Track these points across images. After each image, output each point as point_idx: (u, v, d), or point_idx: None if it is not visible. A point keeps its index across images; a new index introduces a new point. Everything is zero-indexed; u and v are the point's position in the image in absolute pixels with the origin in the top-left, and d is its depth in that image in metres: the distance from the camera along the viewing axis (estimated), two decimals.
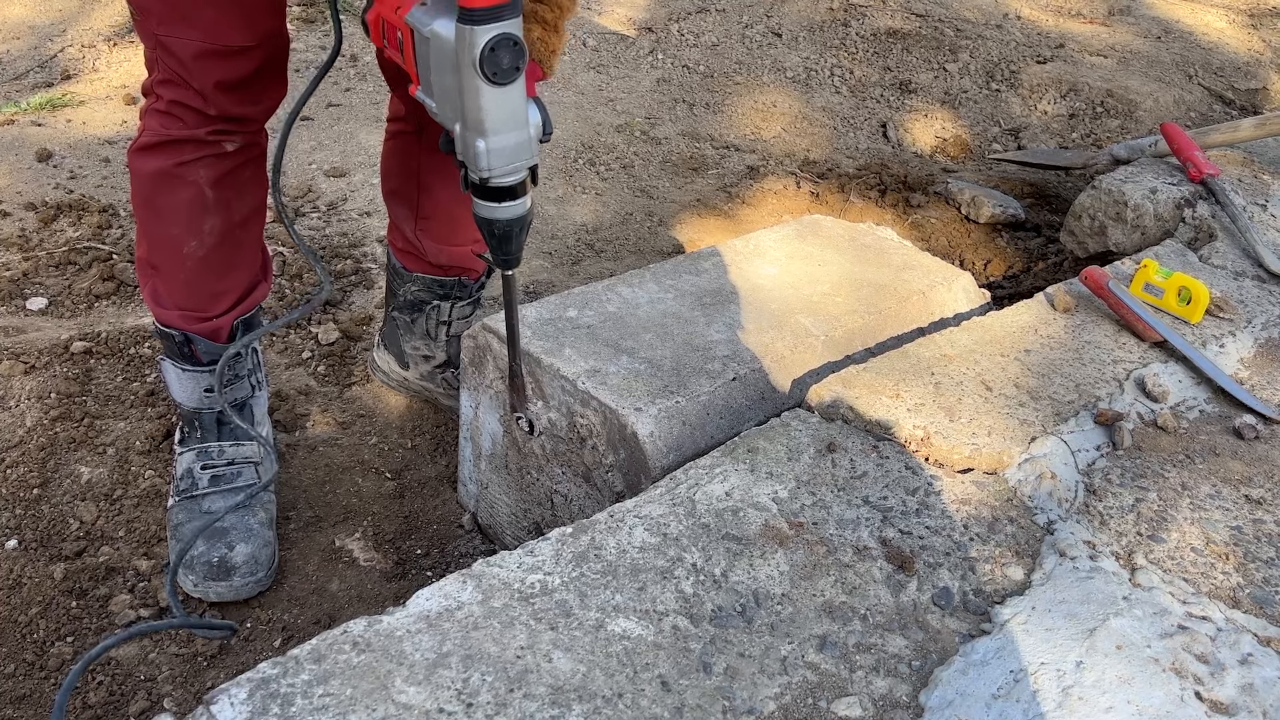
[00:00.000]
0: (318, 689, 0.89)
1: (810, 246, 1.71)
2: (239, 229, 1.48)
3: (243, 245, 1.50)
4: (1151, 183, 1.95)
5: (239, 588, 1.47)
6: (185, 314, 1.49)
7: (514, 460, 1.50)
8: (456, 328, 1.77)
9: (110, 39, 3.00)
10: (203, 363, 1.52)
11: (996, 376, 1.36)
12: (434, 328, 1.77)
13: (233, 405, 1.57)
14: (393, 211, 1.71)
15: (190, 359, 1.52)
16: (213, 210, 1.43)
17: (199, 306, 1.49)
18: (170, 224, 1.44)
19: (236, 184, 1.45)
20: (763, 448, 1.22)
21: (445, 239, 1.68)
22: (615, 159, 2.70)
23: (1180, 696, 0.97)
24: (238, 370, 1.56)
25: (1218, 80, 3.18)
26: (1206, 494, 1.23)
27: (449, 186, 1.62)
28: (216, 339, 1.52)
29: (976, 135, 2.91)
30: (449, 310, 1.76)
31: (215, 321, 1.50)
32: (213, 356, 1.51)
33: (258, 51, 1.35)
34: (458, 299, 1.75)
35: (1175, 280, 1.52)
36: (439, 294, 1.74)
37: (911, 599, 1.06)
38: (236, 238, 1.48)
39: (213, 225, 1.44)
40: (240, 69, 1.34)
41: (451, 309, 1.76)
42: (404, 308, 1.77)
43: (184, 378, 1.53)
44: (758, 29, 3.27)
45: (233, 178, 1.44)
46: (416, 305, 1.76)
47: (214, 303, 1.50)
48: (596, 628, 0.98)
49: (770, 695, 0.95)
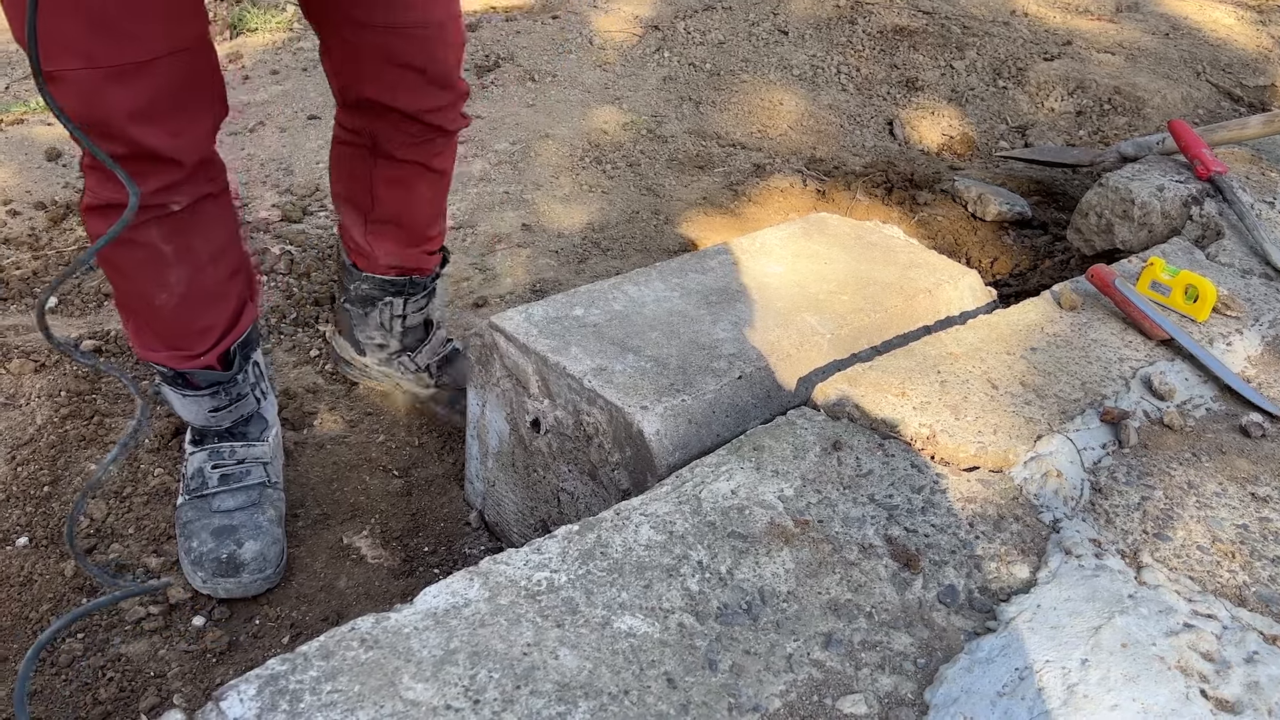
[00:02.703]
0: (326, 685, 0.89)
1: (816, 245, 1.71)
2: (210, 267, 1.42)
3: (220, 280, 1.45)
4: (1159, 180, 1.95)
5: (248, 584, 1.48)
6: (172, 354, 1.47)
7: (520, 458, 1.50)
8: (411, 320, 1.79)
9: None
10: (202, 387, 1.51)
11: (1002, 375, 1.36)
12: (388, 321, 1.78)
13: (241, 420, 1.57)
14: (343, 214, 1.71)
15: (188, 386, 1.50)
16: (174, 263, 1.38)
17: (184, 346, 1.47)
18: (134, 280, 1.39)
19: (196, 230, 1.38)
20: (768, 446, 1.22)
21: (397, 244, 1.69)
22: (621, 157, 2.70)
23: (1186, 694, 0.97)
24: (240, 390, 1.55)
25: (1226, 77, 3.17)
26: (1213, 492, 1.23)
27: (402, 196, 1.64)
28: (211, 370, 1.50)
29: (983, 133, 2.90)
30: (402, 305, 1.76)
31: (204, 358, 1.48)
32: (211, 380, 1.50)
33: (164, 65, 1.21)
34: (410, 295, 1.76)
35: (1182, 278, 1.51)
36: (391, 292, 1.75)
37: (917, 597, 1.06)
38: (209, 276, 1.43)
39: (179, 276, 1.39)
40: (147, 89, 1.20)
41: (405, 304, 1.76)
42: (356, 301, 1.78)
43: (186, 402, 1.52)
44: (764, 27, 3.27)
45: (189, 227, 1.37)
46: (368, 300, 1.77)
47: (199, 340, 1.47)
48: (602, 625, 0.98)
49: (776, 692, 0.95)
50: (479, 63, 3.06)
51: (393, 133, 1.55)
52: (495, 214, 2.43)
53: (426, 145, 1.58)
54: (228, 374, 1.51)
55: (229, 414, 1.55)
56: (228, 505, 1.53)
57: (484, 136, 2.74)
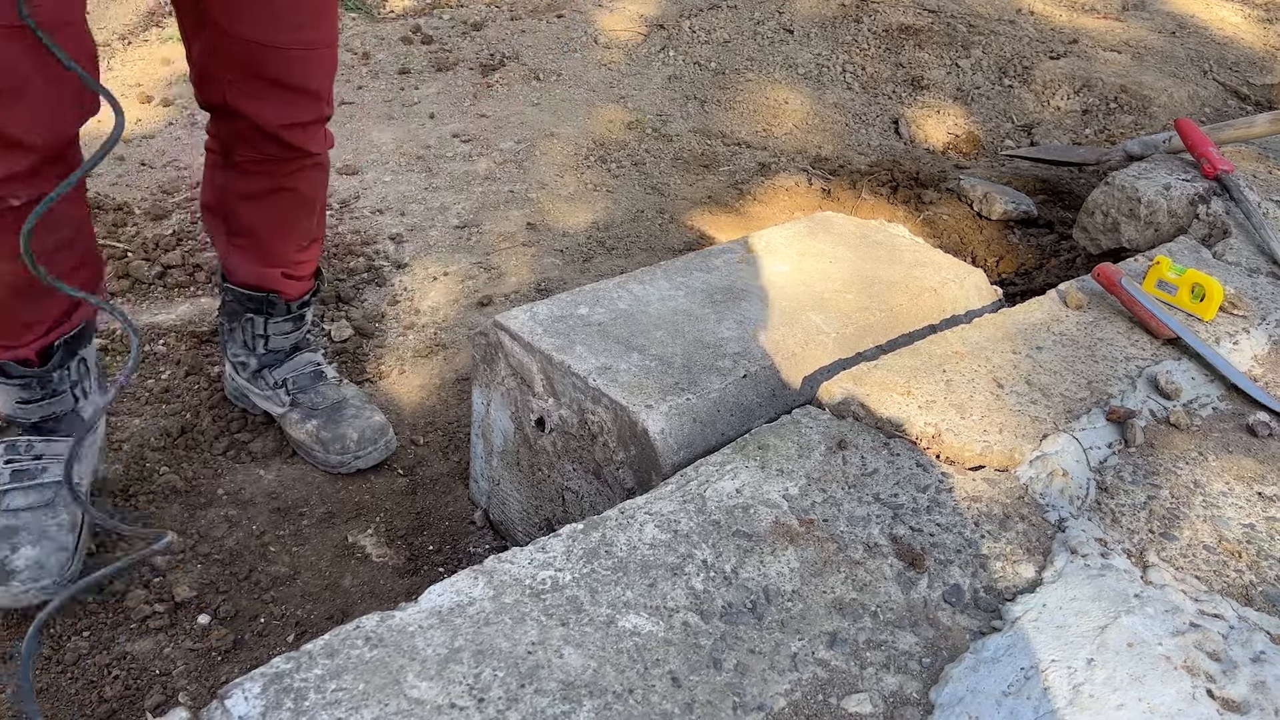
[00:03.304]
0: (331, 683, 0.89)
1: (821, 244, 1.71)
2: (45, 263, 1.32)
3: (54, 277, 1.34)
4: (1165, 179, 1.94)
5: (18, 594, 1.37)
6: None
7: (525, 457, 1.50)
8: (275, 343, 1.73)
9: (125, 37, 3.02)
10: (12, 376, 1.45)
11: (1008, 374, 1.36)
12: (251, 339, 1.72)
13: (51, 417, 1.50)
14: (207, 224, 1.68)
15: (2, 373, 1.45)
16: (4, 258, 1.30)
17: (7, 337, 1.42)
18: None
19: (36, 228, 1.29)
20: (773, 445, 1.22)
21: (255, 261, 1.65)
22: (627, 156, 2.70)
23: (1192, 694, 0.97)
24: (56, 386, 1.48)
25: (1233, 76, 3.16)
26: (1219, 491, 1.23)
27: (256, 212, 1.60)
28: (30, 364, 1.44)
29: (989, 131, 2.90)
30: (263, 325, 1.71)
31: (23, 350, 1.43)
32: (23, 372, 1.45)
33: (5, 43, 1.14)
34: (270, 315, 1.70)
35: (1189, 277, 1.51)
36: (250, 308, 1.70)
37: (922, 596, 1.06)
38: None
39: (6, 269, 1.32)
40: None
41: (266, 324, 1.71)
42: (226, 313, 1.74)
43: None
44: (769, 25, 3.27)
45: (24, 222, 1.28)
46: (234, 314, 1.72)
47: (24, 333, 1.42)
48: (607, 624, 0.98)
49: (780, 691, 0.95)
50: (484, 61, 3.07)
51: (247, 146, 1.51)
52: (500, 213, 2.43)
53: (284, 164, 1.54)
54: (41, 370, 1.45)
55: (39, 408, 1.47)
56: (16, 504, 1.43)
57: (489, 135, 2.74)
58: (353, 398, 1.75)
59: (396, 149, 2.64)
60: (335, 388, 1.75)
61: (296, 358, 1.75)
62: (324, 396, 1.73)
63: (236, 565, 1.55)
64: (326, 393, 1.73)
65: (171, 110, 2.73)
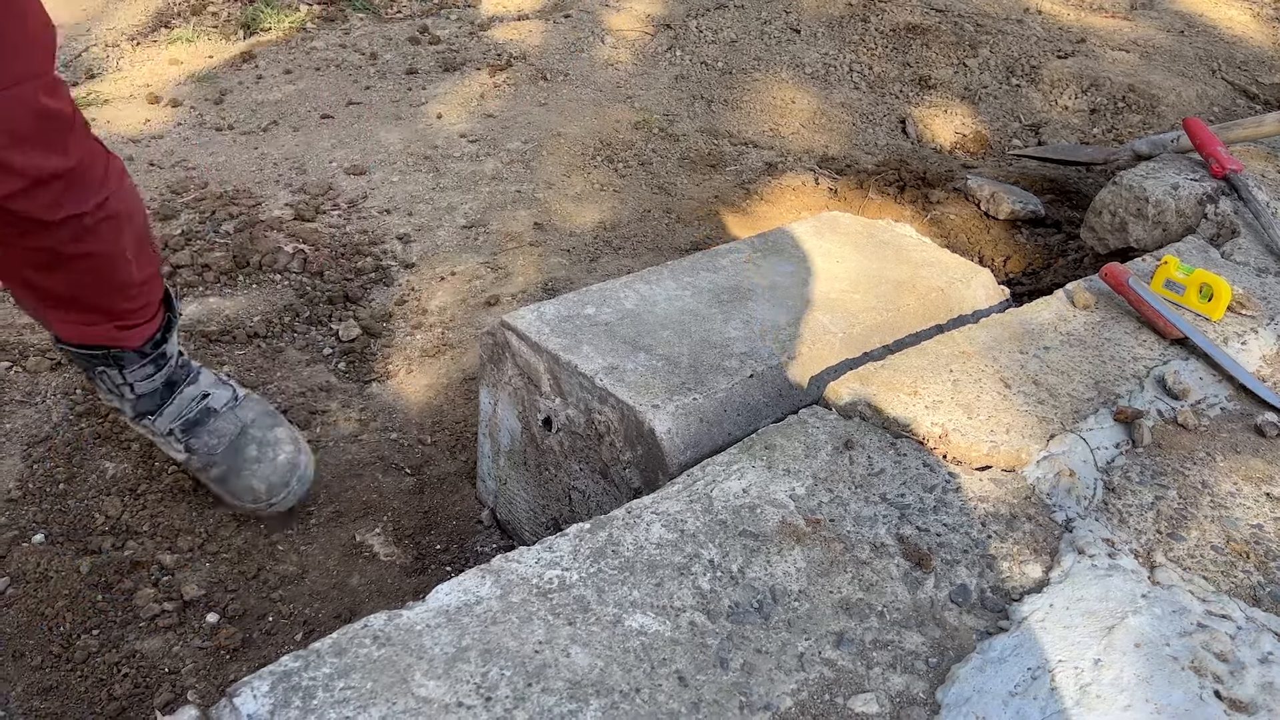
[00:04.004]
0: (338, 682, 0.90)
1: (828, 243, 1.71)
2: None
3: None
4: (1173, 178, 1.94)
5: None
6: None
7: (532, 456, 1.51)
8: (143, 388, 1.53)
9: (133, 38, 3.03)
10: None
11: (1015, 374, 1.35)
12: (114, 389, 1.53)
13: None
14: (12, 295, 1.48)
15: None
16: None
17: None
18: None
19: None
20: (780, 445, 1.22)
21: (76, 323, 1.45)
22: (633, 156, 2.70)
23: (1199, 695, 0.97)
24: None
25: (1241, 75, 3.15)
26: (1227, 492, 1.23)
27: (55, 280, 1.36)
28: None
29: (996, 131, 2.89)
30: (120, 375, 1.51)
31: None
32: None
33: None
34: (123, 365, 1.50)
35: (1197, 277, 1.51)
36: (98, 362, 1.50)
37: (929, 596, 1.06)
38: None
39: None
40: None
41: (123, 374, 1.50)
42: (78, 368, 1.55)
43: None
44: (776, 25, 3.27)
45: None
46: (85, 369, 1.53)
47: None
48: (614, 623, 0.99)
49: (787, 691, 0.95)
50: (491, 62, 3.07)
51: None
52: (507, 212, 2.44)
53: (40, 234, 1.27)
54: None
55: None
56: None
57: (496, 135, 2.74)
58: (254, 423, 1.57)
59: (404, 149, 2.65)
60: (231, 413, 1.57)
61: (177, 397, 1.55)
62: (219, 435, 1.55)
63: (245, 564, 1.55)
64: (221, 428, 1.56)
65: (180, 111, 2.74)
